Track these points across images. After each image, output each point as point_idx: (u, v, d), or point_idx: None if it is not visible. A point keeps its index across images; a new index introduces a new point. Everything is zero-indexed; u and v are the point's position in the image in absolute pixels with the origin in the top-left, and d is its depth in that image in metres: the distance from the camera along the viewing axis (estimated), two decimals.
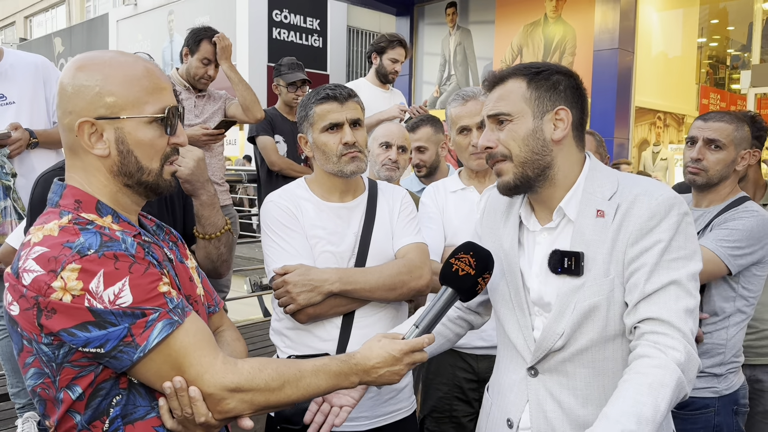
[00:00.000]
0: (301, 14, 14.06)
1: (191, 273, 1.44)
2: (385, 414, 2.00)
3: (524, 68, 1.48)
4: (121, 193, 1.28)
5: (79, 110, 1.21)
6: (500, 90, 1.49)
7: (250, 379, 1.22)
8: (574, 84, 1.48)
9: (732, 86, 10.57)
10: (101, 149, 1.23)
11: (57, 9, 25.58)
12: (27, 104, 3.07)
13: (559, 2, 8.33)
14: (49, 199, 1.28)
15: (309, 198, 2.01)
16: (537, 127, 1.44)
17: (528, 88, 1.45)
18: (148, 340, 1.14)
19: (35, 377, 1.20)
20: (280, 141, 4.10)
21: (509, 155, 1.45)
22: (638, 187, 1.41)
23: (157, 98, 1.26)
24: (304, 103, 2.01)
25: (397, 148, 2.90)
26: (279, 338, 2.05)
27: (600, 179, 1.46)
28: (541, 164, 1.45)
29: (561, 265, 1.42)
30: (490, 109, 1.49)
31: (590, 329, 1.40)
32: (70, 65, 1.25)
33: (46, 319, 1.11)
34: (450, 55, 9.65)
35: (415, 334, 1.44)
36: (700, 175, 2.16)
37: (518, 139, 1.44)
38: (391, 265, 1.94)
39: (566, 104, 1.45)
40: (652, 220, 1.35)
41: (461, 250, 1.48)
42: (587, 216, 1.43)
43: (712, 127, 2.16)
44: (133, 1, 17.56)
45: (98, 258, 1.12)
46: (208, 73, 3.67)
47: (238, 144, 14.90)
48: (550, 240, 1.49)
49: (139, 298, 1.14)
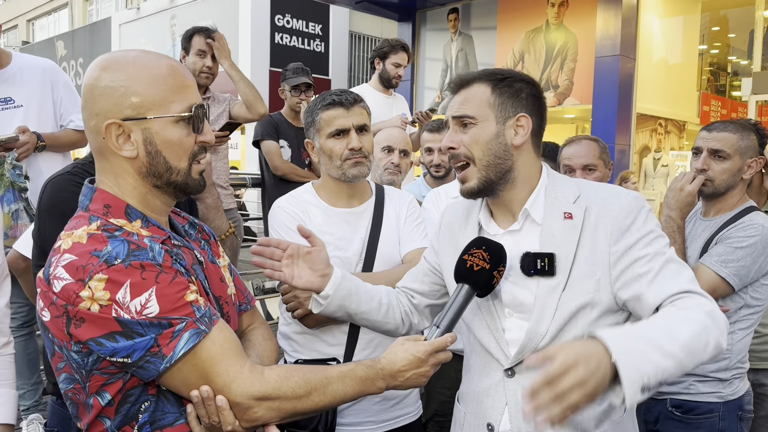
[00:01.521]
0: (303, 19, 14.09)
1: (222, 273, 1.43)
2: (391, 419, 2.01)
3: (489, 74, 1.53)
4: (151, 194, 1.27)
5: (106, 112, 1.20)
6: (465, 93, 1.53)
7: (277, 387, 1.21)
8: (535, 92, 1.53)
9: (733, 93, 10.60)
10: (129, 150, 1.22)
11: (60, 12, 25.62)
12: (35, 108, 3.09)
13: (560, 9, 8.35)
14: (80, 202, 1.27)
15: (316, 203, 2.02)
16: (499, 131, 1.49)
17: (492, 94, 1.50)
18: (174, 350, 1.14)
19: (66, 382, 1.21)
20: (285, 146, 4.12)
21: (472, 158, 1.50)
22: (604, 192, 1.49)
23: (183, 96, 1.24)
24: (310, 109, 2.02)
25: (399, 152, 2.93)
26: (287, 342, 2.06)
27: (560, 185, 1.53)
28: (503, 168, 1.49)
29: (534, 266, 1.45)
30: (454, 111, 1.53)
31: (575, 328, 1.42)
32: (94, 66, 1.23)
33: (75, 328, 1.12)
34: (452, 61, 9.67)
35: (437, 334, 1.42)
36: (706, 185, 2.17)
37: (481, 142, 1.49)
38: (398, 270, 1.95)
39: (527, 111, 1.50)
40: (628, 217, 1.42)
41: (473, 246, 1.48)
42: (555, 219, 1.47)
43: (716, 137, 2.17)
44: (135, 5, 17.60)
45: (125, 268, 1.12)
46: (206, 65, 3.63)
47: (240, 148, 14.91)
48: (513, 242, 1.50)
49: (166, 308, 1.14)
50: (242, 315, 1.50)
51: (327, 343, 1.97)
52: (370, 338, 1.97)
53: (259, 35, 13.38)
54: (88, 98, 1.22)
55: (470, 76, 1.55)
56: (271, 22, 13.55)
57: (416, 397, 2.12)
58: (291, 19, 13.87)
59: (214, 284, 1.36)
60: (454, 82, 1.58)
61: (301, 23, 14.07)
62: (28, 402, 3.04)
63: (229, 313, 1.39)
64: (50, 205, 1.71)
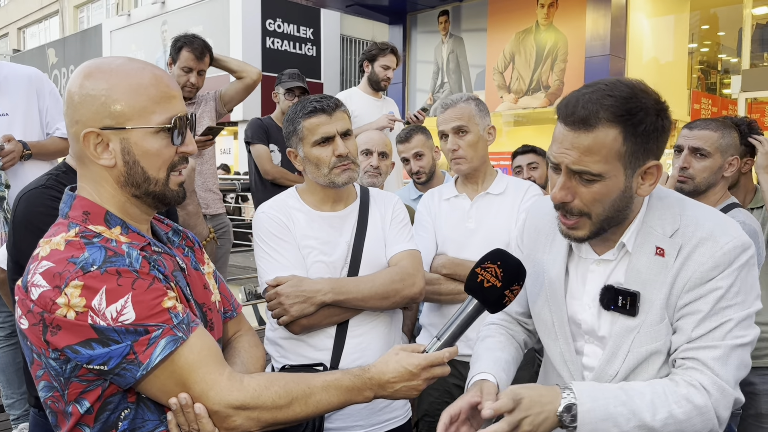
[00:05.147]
0: (294, 23, 14.10)
1: (206, 279, 1.41)
2: (379, 422, 2.00)
3: (622, 115, 1.22)
4: (130, 203, 1.26)
5: (85, 120, 1.19)
6: (586, 138, 1.23)
7: (256, 396, 1.20)
8: (665, 125, 1.27)
9: (723, 91, 10.64)
10: (107, 159, 1.21)
11: (50, 20, 25.57)
12: (20, 116, 3.08)
13: (550, 9, 8.37)
14: (60, 209, 1.26)
15: (300, 208, 2.01)
16: (627, 186, 1.27)
17: (624, 143, 1.23)
18: (151, 357, 1.13)
19: (45, 390, 1.20)
20: (275, 150, 4.11)
21: (589, 215, 1.31)
22: (703, 230, 1.29)
23: (165, 107, 1.22)
24: (290, 118, 1.99)
25: (377, 154, 2.94)
26: (273, 348, 2.05)
27: (661, 211, 1.35)
28: (620, 219, 1.33)
29: (615, 303, 1.34)
30: (571, 162, 1.25)
31: (645, 372, 1.35)
32: (77, 72, 1.22)
33: (52, 336, 1.11)
34: (443, 63, 9.69)
35: (437, 347, 1.37)
36: (687, 183, 2.19)
37: (606, 201, 1.28)
38: (384, 274, 1.94)
39: (658, 155, 1.27)
40: (715, 270, 1.26)
41: (488, 259, 1.38)
42: (645, 252, 1.33)
43: (696, 135, 2.19)
44: (126, 12, 17.58)
45: (101, 274, 1.11)
46: (190, 81, 3.67)
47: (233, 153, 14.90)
48: (605, 272, 1.39)
49: (142, 314, 1.13)
50: (228, 322, 1.49)
51: (314, 348, 1.96)
52: (357, 342, 1.96)
53: (250, 40, 13.39)
54: (70, 104, 1.21)
55: (594, 114, 1.22)
56: (262, 27, 13.56)
57: (405, 401, 2.11)
58: (282, 24, 13.88)
59: (197, 291, 1.35)
60: (571, 116, 1.25)
61: (292, 27, 14.08)
62: (18, 411, 3.02)
63: (214, 320, 1.38)
64: (25, 220, 1.69)
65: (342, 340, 1.95)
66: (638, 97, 1.24)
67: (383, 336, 2.00)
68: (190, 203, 1.84)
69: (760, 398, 2.42)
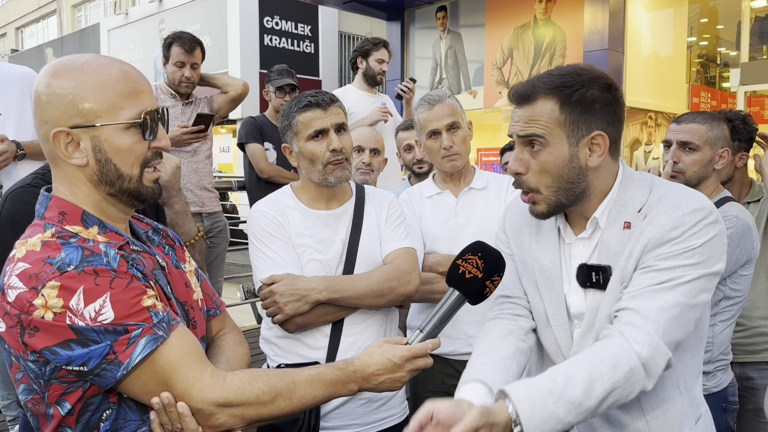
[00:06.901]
0: (292, 21, 14.06)
1: (188, 278, 1.41)
2: (377, 420, 1.99)
3: (555, 87, 1.32)
4: (106, 202, 1.25)
5: (54, 120, 1.18)
6: (530, 110, 1.35)
7: (239, 393, 1.20)
8: (609, 98, 1.33)
9: (723, 84, 10.61)
10: (79, 159, 1.20)
11: (48, 20, 25.54)
12: (13, 116, 3.06)
13: (548, 4, 8.35)
14: (36, 211, 1.25)
15: (295, 206, 2.00)
16: (573, 155, 1.33)
17: (561, 112, 1.31)
18: (131, 357, 1.12)
19: (25, 393, 1.18)
20: (270, 148, 4.10)
21: (538, 191, 1.36)
22: (667, 199, 1.33)
23: (134, 102, 1.21)
24: (285, 113, 1.99)
25: (369, 151, 2.92)
26: (269, 347, 2.05)
27: (632, 190, 1.38)
28: (575, 191, 1.36)
29: (589, 279, 1.37)
30: (520, 129, 1.36)
31: None
32: (44, 72, 1.21)
33: (29, 338, 1.10)
34: (441, 59, 9.66)
35: (420, 338, 1.39)
36: (677, 178, 2.17)
37: (552, 170, 1.33)
38: (379, 272, 1.93)
39: (603, 126, 1.33)
40: (674, 231, 1.28)
41: (469, 251, 1.41)
42: (615, 228, 1.36)
43: (684, 129, 2.18)
44: (124, 11, 17.55)
45: (78, 274, 1.10)
46: (184, 75, 3.69)
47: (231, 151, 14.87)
48: (586, 253, 1.41)
49: (121, 314, 1.12)
50: (211, 320, 1.48)
51: (309, 346, 1.95)
52: (352, 341, 1.95)
53: (248, 38, 13.34)
54: (38, 105, 1.19)
55: (531, 89, 1.34)
56: (259, 24, 13.52)
57: (402, 398, 2.10)
58: (280, 21, 13.84)
59: (179, 289, 1.34)
60: (514, 94, 1.38)
61: (290, 24, 14.04)
62: (14, 412, 3.02)
63: (196, 318, 1.37)
64: (11, 219, 1.68)
65: (337, 339, 1.95)
66: (576, 72, 1.34)
67: (379, 334, 1.99)
68: (177, 202, 1.82)
69: (759, 393, 2.41)
